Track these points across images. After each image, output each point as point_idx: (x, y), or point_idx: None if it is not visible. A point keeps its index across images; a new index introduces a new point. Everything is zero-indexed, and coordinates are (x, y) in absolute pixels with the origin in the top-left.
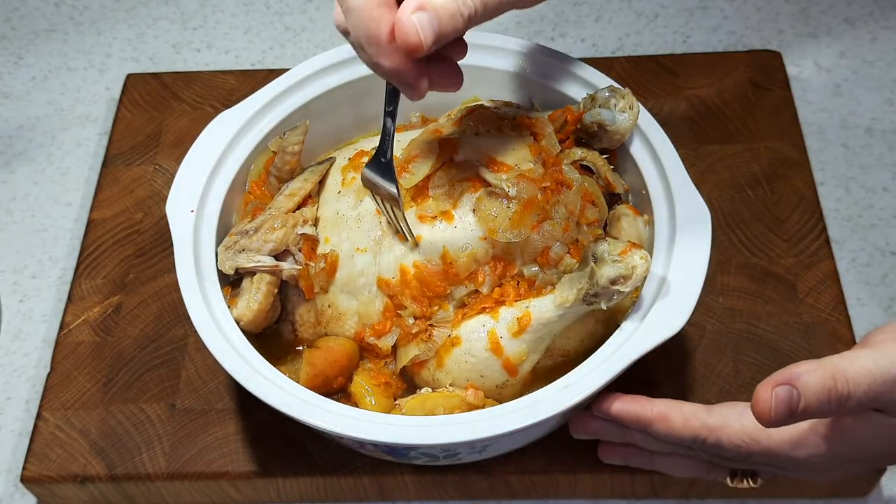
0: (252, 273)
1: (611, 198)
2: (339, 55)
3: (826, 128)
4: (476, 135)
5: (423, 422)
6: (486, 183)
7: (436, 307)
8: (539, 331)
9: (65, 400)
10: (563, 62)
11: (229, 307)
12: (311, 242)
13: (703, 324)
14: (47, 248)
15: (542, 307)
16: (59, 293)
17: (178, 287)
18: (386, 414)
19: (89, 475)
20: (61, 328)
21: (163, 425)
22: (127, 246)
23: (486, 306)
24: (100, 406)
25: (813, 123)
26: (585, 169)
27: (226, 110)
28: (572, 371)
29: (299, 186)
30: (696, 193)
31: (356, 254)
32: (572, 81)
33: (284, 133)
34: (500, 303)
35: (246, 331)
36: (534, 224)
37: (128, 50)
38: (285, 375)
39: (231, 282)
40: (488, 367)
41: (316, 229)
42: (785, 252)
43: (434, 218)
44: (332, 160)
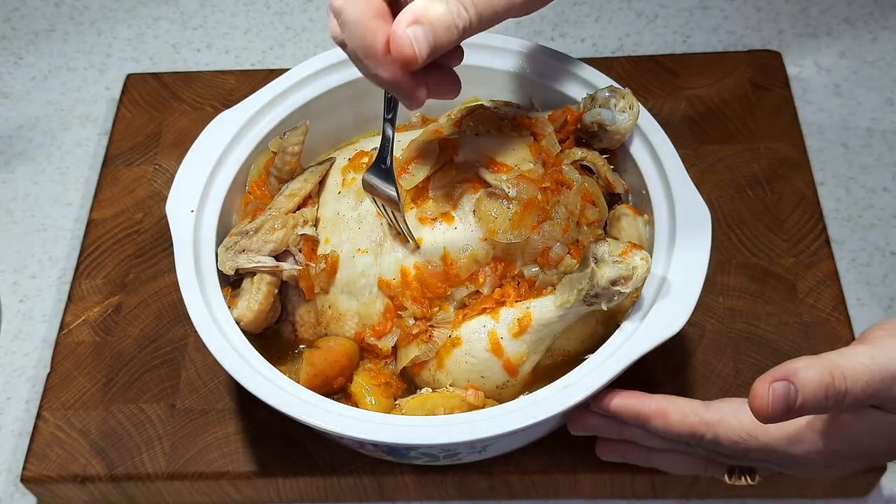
0: (252, 273)
1: (611, 198)
2: (339, 55)
3: (826, 128)
4: (476, 135)
5: (423, 422)
6: (487, 184)
7: (436, 308)
8: (539, 331)
9: (65, 400)
10: (563, 62)
11: (229, 307)
12: (312, 243)
13: (703, 324)
14: (47, 248)
15: (543, 308)
16: (59, 293)
17: (178, 287)
18: (386, 414)
19: (89, 475)
20: (61, 328)
21: (163, 425)
22: (127, 246)
23: (487, 307)
24: (100, 406)
25: (813, 123)
26: (585, 169)
27: (226, 110)
28: (572, 371)
29: (299, 187)
30: (696, 193)
31: (357, 255)
32: (572, 81)
33: (284, 133)
34: (501, 303)
35: (246, 331)
36: (534, 224)
37: (128, 50)
38: (285, 375)
39: (231, 282)
40: (489, 368)
41: (316, 230)
42: (785, 252)
43: (434, 220)
44: (333, 160)
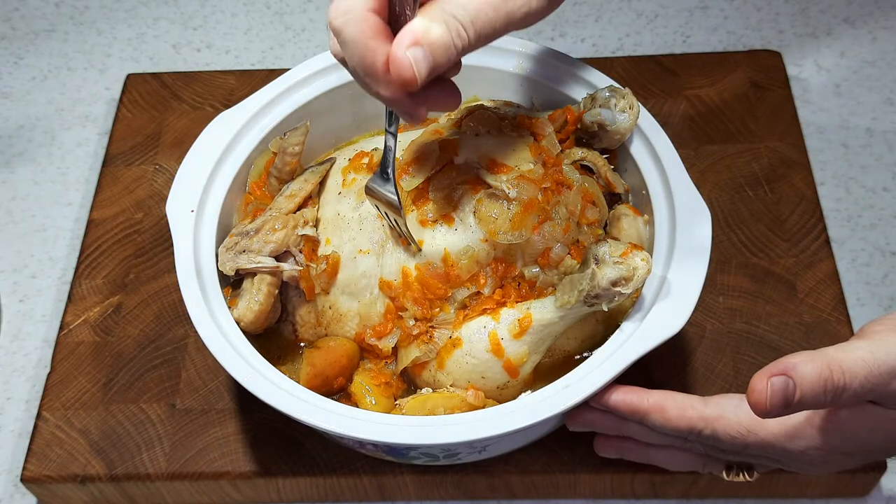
0: (253, 274)
1: (611, 198)
2: None
3: (826, 128)
4: (476, 135)
5: (424, 422)
6: (487, 185)
7: (437, 309)
8: (540, 332)
9: (65, 400)
10: (563, 62)
11: (230, 308)
12: (312, 244)
13: (703, 324)
14: (47, 248)
15: (544, 308)
16: (59, 293)
17: (178, 287)
18: (386, 414)
19: (89, 475)
20: (61, 328)
21: (163, 425)
22: (127, 246)
23: (488, 308)
24: (100, 406)
25: (813, 123)
26: (585, 169)
27: (226, 110)
28: (573, 371)
29: (300, 187)
30: (696, 193)
31: (359, 256)
32: (572, 81)
33: (285, 134)
34: (502, 304)
35: (246, 331)
36: (534, 225)
37: (128, 50)
38: (285, 375)
39: (231, 282)
40: (489, 369)
41: (317, 230)
42: (785, 252)
43: (435, 222)
44: (333, 161)
